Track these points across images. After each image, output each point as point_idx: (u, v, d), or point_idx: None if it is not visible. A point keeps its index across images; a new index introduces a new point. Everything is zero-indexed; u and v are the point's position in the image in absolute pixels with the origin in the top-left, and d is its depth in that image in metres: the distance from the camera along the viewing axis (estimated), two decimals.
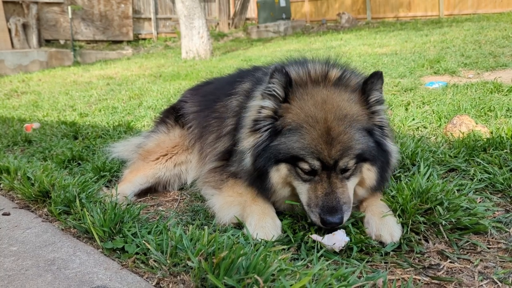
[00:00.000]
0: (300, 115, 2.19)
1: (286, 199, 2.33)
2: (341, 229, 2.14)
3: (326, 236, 2.10)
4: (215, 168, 2.76)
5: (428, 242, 2.11)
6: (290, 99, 2.24)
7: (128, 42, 19.92)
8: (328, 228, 2.13)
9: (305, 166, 2.15)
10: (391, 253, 2.04)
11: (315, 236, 2.11)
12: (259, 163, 2.26)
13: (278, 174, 2.24)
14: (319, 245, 2.07)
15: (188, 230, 2.11)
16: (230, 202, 2.46)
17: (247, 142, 2.35)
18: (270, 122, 2.26)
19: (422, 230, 2.14)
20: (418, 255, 2.01)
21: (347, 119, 2.18)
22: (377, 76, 2.25)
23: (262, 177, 2.28)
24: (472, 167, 2.91)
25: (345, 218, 2.13)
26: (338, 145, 2.11)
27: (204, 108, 3.18)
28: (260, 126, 2.29)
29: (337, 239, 2.05)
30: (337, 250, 2.03)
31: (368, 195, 2.37)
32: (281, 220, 2.29)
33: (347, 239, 2.07)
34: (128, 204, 2.60)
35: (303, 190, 2.20)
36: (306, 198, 2.19)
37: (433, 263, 1.95)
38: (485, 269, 1.89)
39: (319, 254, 2.01)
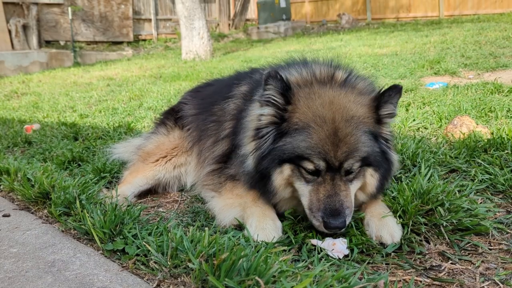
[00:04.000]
0: (308, 114, 2.15)
1: (287, 202, 2.32)
2: (343, 239, 2.10)
3: (326, 240, 2.09)
4: (213, 171, 2.76)
5: (429, 243, 2.11)
6: (294, 100, 2.19)
7: (128, 43, 19.92)
8: (331, 232, 2.10)
9: (309, 166, 2.10)
10: (392, 254, 2.04)
11: (314, 241, 2.10)
12: (262, 165, 2.22)
13: (281, 176, 2.20)
14: (319, 247, 2.07)
15: (189, 232, 2.10)
16: (230, 204, 2.46)
17: (250, 146, 2.32)
18: (272, 128, 2.22)
19: (423, 231, 2.14)
20: (419, 256, 2.01)
21: (354, 121, 2.14)
22: (396, 90, 2.19)
23: (264, 180, 2.25)
24: (473, 168, 2.90)
25: (347, 223, 2.09)
26: (345, 146, 2.08)
27: (202, 111, 3.17)
28: (263, 133, 2.24)
29: (337, 250, 2.03)
30: (335, 257, 2.02)
31: (367, 200, 2.34)
32: (281, 221, 2.28)
33: (347, 251, 2.03)
34: (128, 206, 2.59)
35: (305, 192, 2.15)
36: (308, 201, 2.14)
37: (434, 264, 1.95)
38: (486, 270, 1.88)
39: (319, 256, 2.01)
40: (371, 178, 2.23)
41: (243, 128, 2.43)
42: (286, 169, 2.18)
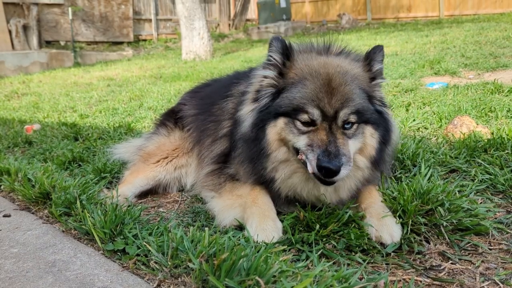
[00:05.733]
0: (304, 70, 2.27)
1: (284, 168, 2.30)
2: None
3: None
4: (212, 171, 2.76)
5: (429, 243, 2.11)
6: (292, 60, 2.32)
7: (129, 43, 19.93)
8: (322, 177, 2.06)
9: (304, 116, 2.15)
10: (392, 254, 2.04)
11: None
12: (258, 119, 2.29)
13: (275, 129, 2.24)
14: (320, 244, 2.07)
15: (189, 232, 2.11)
16: (230, 204, 2.46)
17: (248, 107, 2.39)
18: (271, 90, 2.32)
19: (423, 231, 2.14)
20: (419, 256, 2.01)
21: (349, 75, 2.25)
22: (379, 48, 2.39)
23: (258, 137, 2.29)
24: (473, 168, 2.91)
25: (343, 171, 2.04)
26: (339, 94, 2.16)
27: (201, 112, 3.17)
28: (261, 94, 2.34)
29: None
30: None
31: (367, 168, 2.34)
32: (281, 221, 2.28)
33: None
34: (128, 206, 2.60)
35: (301, 138, 2.16)
36: (306, 140, 2.14)
37: (434, 264, 1.95)
38: (486, 270, 1.88)
39: (318, 254, 2.01)
40: (371, 138, 2.29)
41: (245, 96, 2.50)
42: (280, 122, 2.24)
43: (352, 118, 2.18)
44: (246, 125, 2.37)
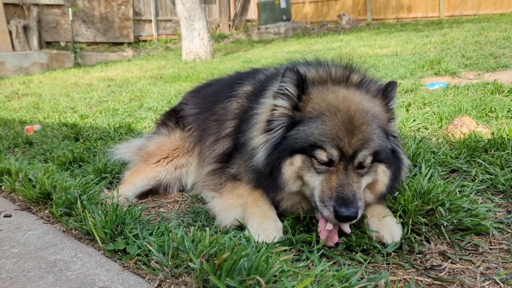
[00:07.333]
0: (322, 104, 2.17)
1: (290, 197, 2.29)
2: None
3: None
4: (214, 171, 2.75)
5: (430, 243, 2.11)
6: (308, 93, 2.23)
7: (129, 43, 19.93)
8: (342, 223, 2.05)
9: (322, 155, 2.06)
10: (393, 254, 2.05)
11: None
12: (273, 156, 2.18)
13: (291, 168, 2.15)
14: (320, 243, 2.07)
15: (190, 232, 2.11)
16: (231, 204, 2.46)
17: (260, 138, 2.29)
18: (284, 120, 2.22)
19: (424, 231, 2.15)
20: (420, 256, 2.02)
21: (370, 114, 2.17)
22: (394, 85, 2.34)
23: (273, 173, 2.20)
24: (473, 168, 2.91)
25: (359, 215, 2.02)
26: (360, 134, 2.08)
27: (203, 111, 3.17)
28: (274, 124, 2.24)
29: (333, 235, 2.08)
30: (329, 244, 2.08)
31: (373, 202, 2.30)
32: (282, 221, 2.28)
33: (349, 230, 2.09)
34: (129, 206, 2.60)
35: (316, 183, 2.09)
36: (319, 192, 2.08)
37: (435, 264, 1.95)
38: (487, 270, 1.89)
39: (319, 254, 2.01)
40: (383, 175, 2.22)
41: (252, 124, 2.41)
42: (297, 160, 2.14)
43: (369, 159, 2.11)
44: (259, 159, 2.25)
